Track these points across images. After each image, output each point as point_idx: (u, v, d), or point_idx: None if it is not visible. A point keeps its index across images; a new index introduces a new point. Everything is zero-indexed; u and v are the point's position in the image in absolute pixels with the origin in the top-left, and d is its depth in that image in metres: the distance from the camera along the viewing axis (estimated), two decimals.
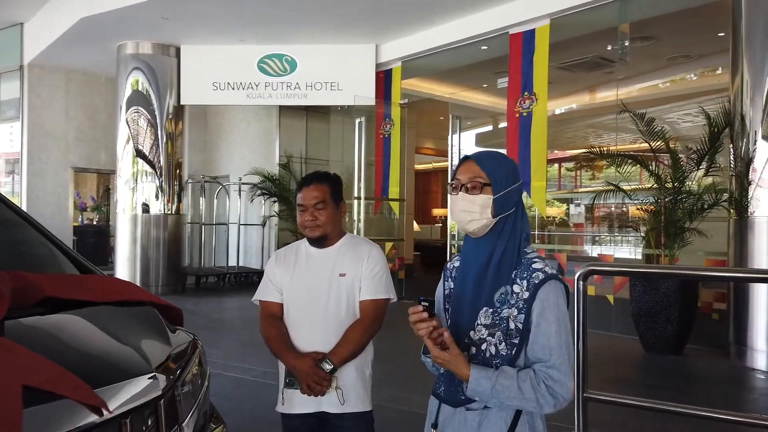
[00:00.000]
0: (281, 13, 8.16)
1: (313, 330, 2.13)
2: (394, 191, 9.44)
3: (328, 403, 2.08)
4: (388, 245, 9.92)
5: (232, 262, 11.37)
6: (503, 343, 1.48)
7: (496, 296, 1.51)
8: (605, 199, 6.52)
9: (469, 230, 1.56)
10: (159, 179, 9.76)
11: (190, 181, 10.71)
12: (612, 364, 5.42)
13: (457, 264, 1.68)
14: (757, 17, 5.54)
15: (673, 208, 5.88)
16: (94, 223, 13.73)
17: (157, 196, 9.78)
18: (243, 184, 11.12)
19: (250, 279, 11.23)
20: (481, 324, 1.51)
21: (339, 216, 2.22)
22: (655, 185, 6.09)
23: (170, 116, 9.81)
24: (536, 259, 1.53)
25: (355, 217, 9.14)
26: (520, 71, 7.54)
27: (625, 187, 6.57)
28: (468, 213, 1.53)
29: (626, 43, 6.76)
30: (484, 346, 1.50)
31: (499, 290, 1.51)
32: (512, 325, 1.47)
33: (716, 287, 6.17)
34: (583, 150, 15.23)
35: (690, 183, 5.92)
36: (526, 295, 1.47)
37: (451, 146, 8.81)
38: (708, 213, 5.94)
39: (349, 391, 2.10)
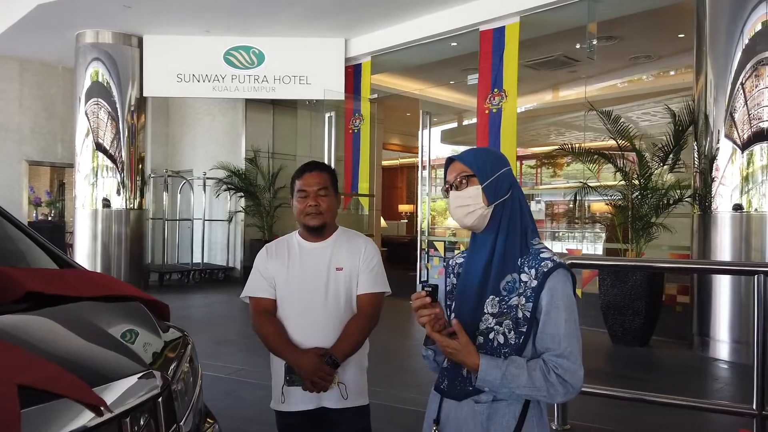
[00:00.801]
0: (248, 5, 8.00)
1: (312, 325, 2.08)
2: (363, 187, 9.39)
3: (329, 399, 2.05)
4: None
5: (197, 259, 11.13)
6: (512, 332, 1.47)
7: (502, 284, 1.50)
8: (583, 195, 6.60)
9: (468, 224, 1.56)
10: (120, 174, 9.47)
11: (152, 175, 10.42)
12: (582, 356, 5.52)
13: (459, 260, 1.68)
14: (721, 19, 5.72)
15: (640, 204, 6.02)
16: (49, 218, 13.22)
17: (118, 191, 9.48)
18: (208, 178, 10.89)
19: (215, 276, 11.01)
20: (488, 313, 1.50)
21: (336, 209, 2.19)
22: (623, 182, 6.23)
23: (132, 109, 9.51)
24: (544, 249, 1.54)
25: None
26: (490, 68, 7.60)
27: (592, 184, 6.71)
28: (462, 208, 1.55)
29: (594, 42, 6.89)
30: (491, 335, 1.48)
31: (505, 278, 1.50)
32: (520, 314, 1.47)
33: (680, 281, 6.36)
34: (548, 147, 15.54)
35: (656, 180, 6.08)
36: (534, 283, 1.47)
37: (422, 142, 8.82)
38: (673, 209, 6.11)
39: (350, 386, 2.08)
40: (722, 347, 5.58)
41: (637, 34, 8.81)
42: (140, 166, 9.77)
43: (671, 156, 6.08)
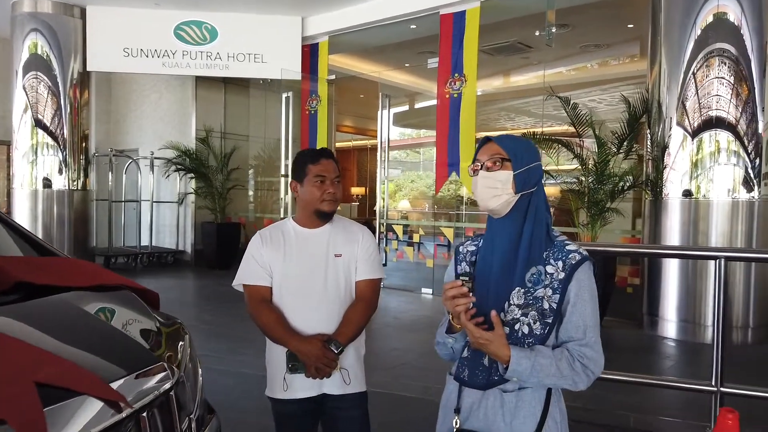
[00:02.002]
0: None
1: (313, 312, 2.06)
2: None
3: (330, 385, 2.04)
4: None
5: (144, 242, 10.74)
6: (537, 323, 1.48)
7: (527, 276, 1.51)
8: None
9: (491, 207, 1.54)
10: (62, 152, 8.99)
11: (96, 154, 9.94)
12: None
13: (471, 248, 1.66)
14: (675, 10, 5.91)
15: (595, 189, 6.21)
16: None
17: (60, 171, 9.01)
18: (156, 158, 10.49)
19: (164, 259, 10.67)
20: (514, 304, 1.50)
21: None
22: (579, 167, 6.41)
23: (75, 83, 9.02)
24: (568, 242, 1.55)
25: (282, 196, 8.92)
26: (450, 53, 7.61)
27: (546, 169, 6.87)
28: (490, 189, 1.52)
29: (553, 30, 7.00)
30: (517, 326, 1.49)
31: (530, 270, 1.51)
32: (546, 305, 1.48)
33: (632, 264, 6.63)
34: (503, 132, 15.72)
35: (612, 166, 6.27)
36: (562, 275, 1.48)
37: (381, 124, 8.78)
38: (626, 194, 6.33)
39: (350, 372, 2.08)
40: (670, 326, 5.87)
41: (589, 23, 9.02)
42: (84, 144, 9.31)
43: (625, 143, 6.27)
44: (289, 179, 2.24)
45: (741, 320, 5.59)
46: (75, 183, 9.16)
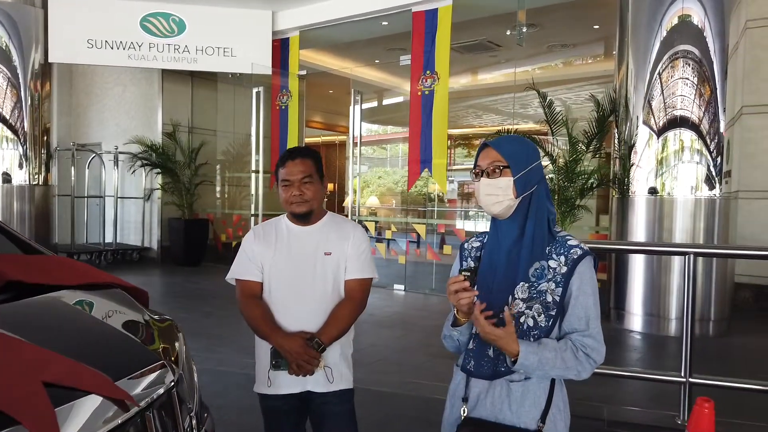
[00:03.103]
0: None
1: (299, 309, 2.07)
2: None
3: (314, 383, 2.05)
4: None
5: (109, 239, 10.49)
6: (542, 315, 1.54)
7: (531, 271, 1.56)
8: None
9: (494, 212, 1.60)
10: (23, 146, 8.70)
11: (58, 148, 9.65)
12: None
13: (476, 244, 1.72)
14: (642, 12, 6.08)
15: (566, 187, 6.35)
16: None
17: (20, 165, 8.72)
18: (120, 153, 10.24)
19: (129, 256, 10.45)
20: (519, 298, 1.56)
21: (323, 193, 2.17)
22: (551, 165, 6.54)
23: (36, 75, 8.73)
24: (569, 237, 1.61)
25: (253, 191, 8.82)
26: (422, 50, 7.66)
27: None
28: (492, 196, 1.58)
29: (524, 29, 7.12)
30: (522, 319, 1.55)
31: (534, 266, 1.57)
32: (550, 298, 1.54)
33: (599, 259, 6.79)
34: (470, 129, 15.94)
35: (582, 163, 6.42)
36: (564, 269, 1.54)
37: (353, 120, 8.77)
38: (595, 192, 6.48)
39: (335, 370, 2.08)
40: (636, 320, 6.06)
41: (556, 23, 9.20)
42: (45, 138, 9.03)
43: (594, 142, 6.42)
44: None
45: (703, 314, 5.80)
46: (36, 178, 8.89)
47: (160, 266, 10.02)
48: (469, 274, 1.50)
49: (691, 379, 3.44)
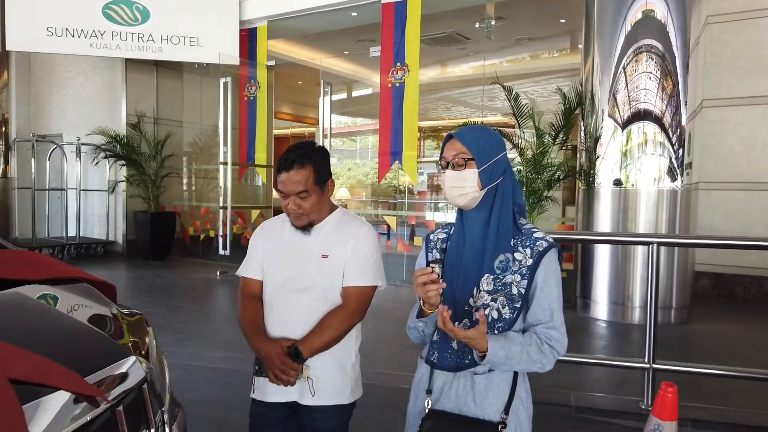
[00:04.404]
0: None
1: (287, 314, 1.93)
2: (260, 157, 9.12)
3: (299, 394, 1.92)
4: (255, 213, 9.64)
5: (72, 232, 10.23)
6: (506, 308, 1.55)
7: (495, 263, 1.57)
8: None
9: (460, 204, 1.61)
10: None
11: (17, 139, 9.35)
12: None
13: (442, 236, 1.72)
14: (607, 7, 6.19)
15: (533, 179, 6.44)
16: None
17: None
18: (83, 144, 9.97)
19: (93, 250, 10.21)
20: (484, 290, 1.57)
21: (326, 197, 1.97)
22: (518, 157, 6.62)
23: None
24: (535, 229, 1.62)
25: (221, 184, 8.70)
26: (392, 42, 7.65)
27: None
28: (457, 188, 1.59)
29: (493, 22, 7.17)
30: (486, 311, 1.55)
31: (499, 258, 1.58)
32: (515, 290, 1.55)
33: (566, 249, 6.92)
34: (438, 121, 16.01)
35: (549, 155, 6.51)
36: (530, 262, 1.56)
37: (322, 111, 8.71)
38: (561, 184, 6.59)
39: (323, 383, 1.92)
40: (601, 308, 6.20)
41: (524, 16, 9.29)
42: (3, 128, 8.76)
43: (561, 134, 6.52)
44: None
45: (666, 301, 5.97)
46: None
47: (125, 260, 9.82)
48: (437, 266, 1.51)
49: (654, 365, 3.54)
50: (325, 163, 1.94)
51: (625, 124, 6.05)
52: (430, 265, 1.52)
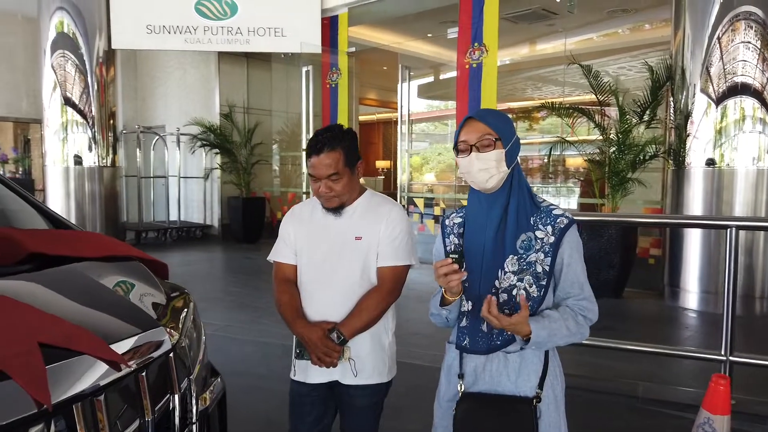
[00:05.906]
0: None
1: (325, 297, 1.97)
2: None
3: (341, 374, 1.97)
4: None
5: (173, 217, 11.02)
6: (533, 286, 1.56)
7: (518, 243, 1.58)
8: (562, 150, 6.69)
9: (488, 187, 1.59)
10: (91, 129, 9.21)
11: (124, 131, 10.17)
12: None
13: (458, 220, 1.71)
14: None
15: (617, 159, 6.13)
16: (17, 176, 12.88)
17: (90, 148, 9.25)
18: (182, 134, 10.67)
19: (192, 234, 10.95)
20: (509, 271, 1.57)
21: (356, 178, 2.00)
22: (600, 137, 6.32)
23: (101, 61, 9.19)
24: (553, 206, 1.62)
25: (304, 170, 9.00)
26: (470, 22, 7.50)
27: (569, 139, 6.79)
28: (486, 171, 1.57)
29: None
30: (515, 292, 1.57)
31: (521, 237, 1.58)
32: (539, 269, 1.56)
33: (653, 234, 6.56)
34: (525, 102, 15.54)
35: (633, 135, 6.17)
36: (552, 239, 1.56)
37: (401, 96, 8.75)
38: (648, 164, 6.22)
39: (364, 362, 1.97)
40: (691, 297, 5.82)
41: None
42: (111, 121, 9.51)
43: (648, 112, 6.15)
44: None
45: (753, 290, 5.50)
46: (104, 160, 9.40)
47: (221, 243, 10.45)
48: (457, 256, 1.52)
49: (732, 358, 3.30)
50: (354, 146, 1.97)
51: (719, 100, 5.59)
52: (450, 256, 1.54)
